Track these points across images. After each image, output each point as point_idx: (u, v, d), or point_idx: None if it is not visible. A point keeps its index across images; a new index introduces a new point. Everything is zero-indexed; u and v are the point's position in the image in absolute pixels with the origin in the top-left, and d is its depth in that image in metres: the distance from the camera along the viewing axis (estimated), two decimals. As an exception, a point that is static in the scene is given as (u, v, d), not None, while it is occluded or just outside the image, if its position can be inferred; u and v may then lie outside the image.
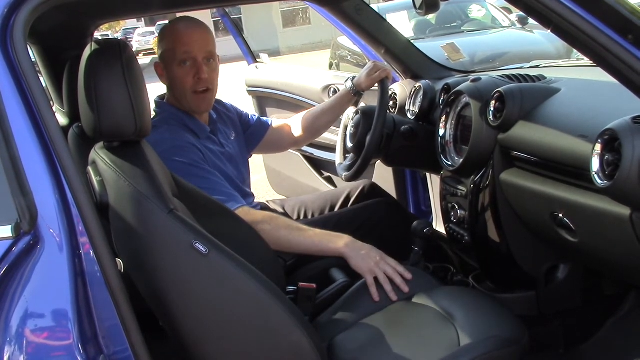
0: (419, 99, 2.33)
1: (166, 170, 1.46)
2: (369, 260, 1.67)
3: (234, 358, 1.33)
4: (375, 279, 1.66)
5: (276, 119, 2.40)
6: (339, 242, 1.73)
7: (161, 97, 2.00)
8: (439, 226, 2.41)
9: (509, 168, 1.75)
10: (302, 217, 2.35)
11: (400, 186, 2.88)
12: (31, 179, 1.09)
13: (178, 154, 1.77)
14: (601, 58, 1.22)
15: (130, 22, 31.27)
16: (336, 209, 2.36)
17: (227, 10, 3.52)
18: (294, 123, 2.34)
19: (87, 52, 1.27)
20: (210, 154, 1.88)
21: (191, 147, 1.82)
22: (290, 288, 1.64)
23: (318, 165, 3.36)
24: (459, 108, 1.98)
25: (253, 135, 2.25)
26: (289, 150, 3.02)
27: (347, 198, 2.37)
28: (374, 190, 2.39)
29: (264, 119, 2.34)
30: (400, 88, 2.52)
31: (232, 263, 1.28)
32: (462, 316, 1.51)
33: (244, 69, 3.61)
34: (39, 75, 2.04)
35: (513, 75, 1.96)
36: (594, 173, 1.28)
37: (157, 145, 1.71)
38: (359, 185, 2.38)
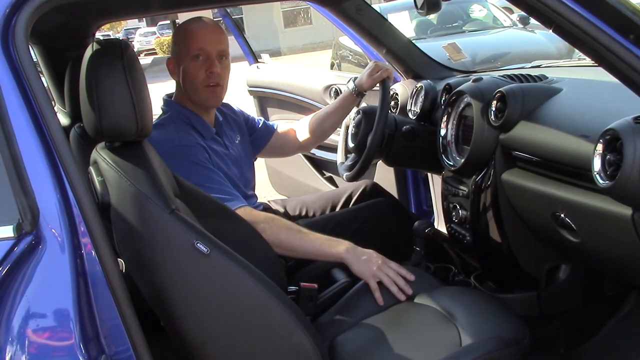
0: (420, 99, 2.33)
1: (168, 170, 1.46)
2: (371, 264, 1.67)
3: (234, 358, 1.33)
4: (379, 283, 1.66)
5: (282, 123, 2.40)
6: (340, 247, 1.72)
7: (169, 96, 2.01)
8: (441, 226, 2.41)
9: (511, 168, 1.75)
10: (302, 217, 2.35)
11: (401, 186, 2.88)
12: (33, 179, 1.09)
13: (183, 153, 1.78)
14: (602, 58, 1.22)
15: (132, 22, 31.29)
16: (337, 209, 2.36)
17: (228, 11, 3.52)
18: (299, 127, 2.34)
19: (88, 52, 1.27)
20: (214, 155, 1.89)
21: (197, 147, 1.83)
22: (292, 288, 1.64)
23: (319, 165, 3.36)
24: (461, 108, 1.98)
25: (258, 139, 2.26)
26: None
27: (349, 198, 2.37)
28: (375, 191, 2.39)
29: (270, 123, 2.34)
30: (402, 88, 2.52)
31: (234, 263, 1.28)
32: (464, 316, 1.51)
33: (245, 69, 3.62)
34: (41, 75, 2.04)
35: (514, 75, 1.96)
36: (595, 173, 1.28)
37: (163, 143, 1.72)
38: (360, 185, 2.38)
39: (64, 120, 2.15)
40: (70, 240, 1.09)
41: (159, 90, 2.04)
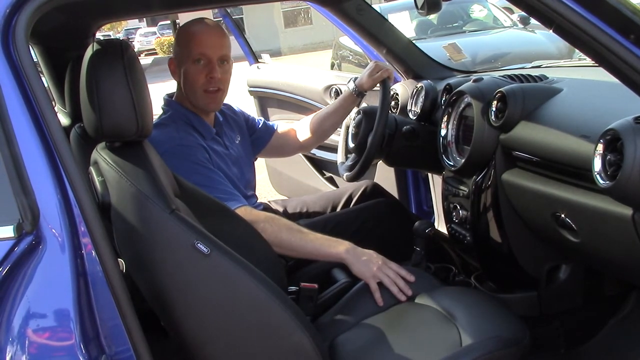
0: (420, 99, 2.33)
1: (168, 171, 1.46)
2: (371, 265, 1.67)
3: (235, 358, 1.33)
4: (379, 284, 1.66)
5: (283, 123, 2.40)
6: (340, 247, 1.72)
7: (170, 95, 2.01)
8: (441, 226, 2.41)
9: (511, 168, 1.75)
10: (303, 217, 2.35)
11: (402, 186, 2.88)
12: (33, 179, 1.09)
13: (184, 153, 1.78)
14: (603, 58, 1.22)
15: (132, 23, 31.30)
16: (338, 209, 2.36)
17: (228, 11, 3.52)
18: (300, 127, 2.34)
19: (88, 52, 1.27)
20: (214, 155, 1.89)
21: (198, 147, 1.84)
22: (292, 288, 1.64)
23: (320, 165, 3.36)
24: (461, 108, 1.98)
25: (258, 139, 2.26)
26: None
27: (349, 198, 2.37)
28: (376, 191, 2.39)
29: (270, 123, 2.34)
30: (402, 88, 2.52)
31: (234, 263, 1.28)
32: (464, 316, 1.51)
33: (246, 69, 3.62)
34: (41, 75, 2.04)
35: (515, 75, 1.96)
36: (595, 173, 1.28)
37: (164, 143, 1.72)
38: (361, 185, 2.38)
39: (64, 120, 2.15)
40: (70, 240, 1.09)
41: (159, 90, 2.05)
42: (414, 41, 2.77)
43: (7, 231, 1.07)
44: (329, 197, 2.43)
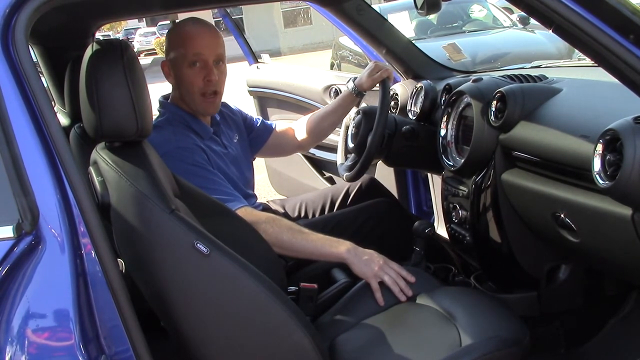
0: (420, 99, 2.33)
1: (167, 171, 1.46)
2: (372, 265, 1.67)
3: (234, 358, 1.33)
4: (379, 283, 1.66)
5: (281, 122, 2.40)
6: (341, 247, 1.72)
7: (165, 97, 2.00)
8: (440, 226, 2.41)
9: (511, 168, 1.75)
10: (302, 217, 2.35)
11: (401, 186, 2.88)
12: (32, 179, 1.09)
13: (182, 155, 1.77)
14: (602, 58, 1.22)
15: (132, 23, 31.30)
16: (336, 206, 2.36)
17: (228, 11, 3.52)
18: (298, 127, 2.34)
19: (88, 52, 1.27)
20: (213, 155, 1.88)
21: (195, 149, 1.83)
22: (292, 288, 1.64)
23: (319, 165, 3.36)
24: (460, 108, 1.98)
25: (256, 138, 2.26)
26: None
27: (347, 194, 2.37)
28: (372, 185, 2.39)
29: (268, 122, 2.34)
30: (402, 88, 2.52)
31: (234, 263, 1.28)
32: (464, 316, 1.51)
33: (245, 69, 3.62)
34: (41, 75, 2.04)
35: (514, 75, 1.96)
36: (595, 173, 1.28)
37: (161, 145, 1.71)
38: (357, 181, 2.37)
39: (64, 120, 2.15)
40: (70, 240, 1.09)
41: (159, 90, 2.04)
42: (413, 41, 2.77)
43: (7, 231, 1.07)
44: (326, 194, 2.42)
